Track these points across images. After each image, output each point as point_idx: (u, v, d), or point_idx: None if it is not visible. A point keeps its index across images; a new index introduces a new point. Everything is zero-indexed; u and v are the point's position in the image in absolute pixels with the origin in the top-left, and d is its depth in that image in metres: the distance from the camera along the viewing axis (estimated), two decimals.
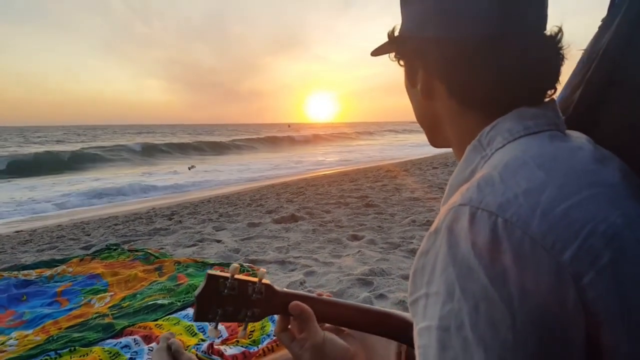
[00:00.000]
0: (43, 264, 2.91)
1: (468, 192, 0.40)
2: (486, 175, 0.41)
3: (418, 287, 0.41)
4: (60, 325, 1.98)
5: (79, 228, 4.68)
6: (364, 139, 37.16)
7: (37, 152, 19.00)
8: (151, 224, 4.45)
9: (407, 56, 0.56)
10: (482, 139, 0.48)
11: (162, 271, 2.70)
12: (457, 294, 0.36)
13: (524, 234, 0.35)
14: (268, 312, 0.66)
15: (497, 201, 0.38)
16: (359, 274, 2.47)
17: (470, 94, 0.49)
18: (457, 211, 0.39)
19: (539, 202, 0.37)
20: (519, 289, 0.34)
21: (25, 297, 2.34)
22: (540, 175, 0.39)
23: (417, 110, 0.59)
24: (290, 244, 3.27)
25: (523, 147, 0.44)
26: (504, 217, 0.36)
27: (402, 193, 5.35)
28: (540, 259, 0.35)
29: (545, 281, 0.34)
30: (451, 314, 0.36)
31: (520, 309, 0.34)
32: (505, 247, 0.35)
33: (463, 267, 0.36)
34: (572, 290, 0.34)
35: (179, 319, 1.99)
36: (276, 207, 4.84)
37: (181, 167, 14.41)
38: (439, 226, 0.40)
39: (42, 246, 3.75)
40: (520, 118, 0.47)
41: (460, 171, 0.51)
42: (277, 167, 14.07)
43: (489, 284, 0.35)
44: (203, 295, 0.61)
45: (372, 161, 14.17)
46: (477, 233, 0.37)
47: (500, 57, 0.46)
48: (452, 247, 0.38)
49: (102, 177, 12.97)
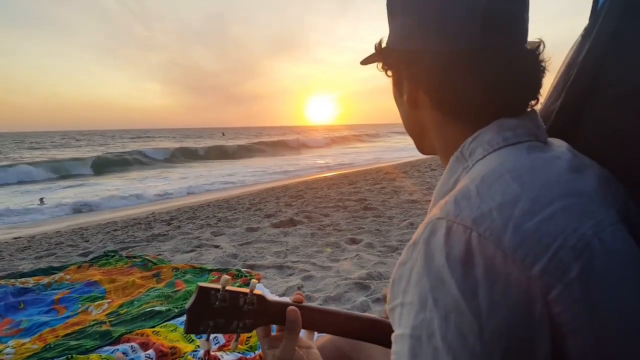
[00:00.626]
0: (40, 272, 2.91)
1: (446, 206, 0.42)
2: (463, 189, 0.43)
3: (395, 296, 0.43)
4: (57, 333, 1.98)
5: (78, 234, 4.68)
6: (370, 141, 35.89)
7: (114, 152, 18.96)
8: (150, 230, 4.45)
9: (393, 67, 0.57)
10: (464, 150, 0.50)
11: (160, 277, 2.70)
12: (429, 305, 0.38)
13: (497, 248, 0.36)
14: (260, 323, 0.66)
15: (473, 215, 0.39)
16: (356, 278, 2.47)
17: (453, 105, 0.51)
18: (434, 225, 0.41)
19: (511, 215, 0.38)
20: (488, 302, 0.35)
21: (22, 305, 2.34)
22: (514, 188, 0.40)
23: (404, 119, 0.61)
24: (288, 248, 3.27)
25: (501, 159, 0.45)
26: (478, 231, 0.38)
27: (401, 195, 5.36)
28: (510, 273, 0.36)
29: (514, 295, 0.35)
30: (423, 324, 0.38)
31: (488, 321, 0.35)
32: (478, 261, 0.37)
33: (436, 279, 0.38)
34: (539, 303, 0.35)
35: (176, 325, 1.99)
36: (275, 211, 4.84)
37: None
38: (418, 239, 0.42)
39: (40, 253, 3.75)
40: (499, 129, 0.48)
41: (444, 181, 0.52)
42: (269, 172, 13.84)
43: (459, 296, 0.36)
44: (194, 308, 0.61)
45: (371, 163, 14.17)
46: (452, 246, 0.38)
47: (482, 70, 0.47)
48: (427, 259, 0.39)
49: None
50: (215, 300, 0.61)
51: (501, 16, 0.47)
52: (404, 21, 0.52)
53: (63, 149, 32.73)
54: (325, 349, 0.91)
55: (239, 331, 0.64)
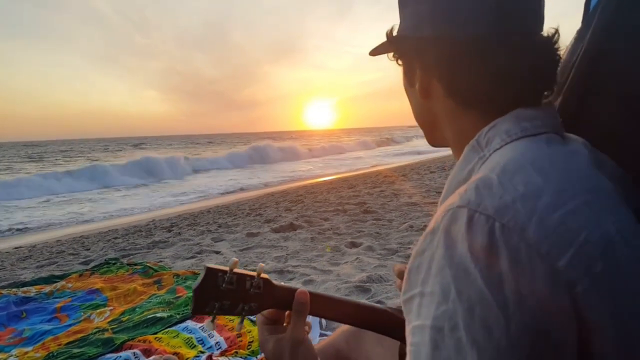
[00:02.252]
0: (42, 281, 2.91)
1: (466, 194, 0.40)
2: (484, 178, 0.41)
3: (413, 286, 0.41)
4: (60, 341, 1.99)
5: (79, 242, 4.68)
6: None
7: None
8: (150, 237, 4.46)
9: (405, 56, 0.56)
10: (481, 140, 0.48)
11: (161, 284, 2.71)
12: (452, 296, 0.37)
13: (521, 239, 0.36)
14: (266, 306, 0.66)
15: (495, 205, 0.38)
16: (357, 281, 2.48)
17: (466, 94, 0.50)
18: (455, 213, 0.39)
19: (535, 208, 0.37)
20: (514, 294, 0.35)
21: (24, 314, 2.35)
22: (537, 180, 0.39)
23: (415, 109, 0.60)
24: (288, 253, 3.28)
25: (521, 150, 0.44)
26: (501, 221, 0.37)
27: (400, 198, 5.37)
28: (535, 265, 0.35)
29: (540, 287, 0.35)
30: (445, 315, 0.37)
31: (514, 314, 0.34)
32: (502, 252, 0.36)
33: (459, 270, 0.37)
34: (566, 297, 0.35)
35: (178, 331, 1.99)
36: (275, 216, 4.85)
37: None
38: (436, 226, 0.40)
39: (41, 262, 3.75)
40: (517, 119, 0.47)
41: (458, 171, 0.51)
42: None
43: (485, 288, 0.35)
44: (201, 289, 0.61)
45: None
46: (475, 236, 0.37)
47: (496, 57, 0.46)
48: (449, 248, 0.38)
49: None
50: (222, 282, 0.62)
51: (515, 3, 0.46)
52: (416, 8, 0.51)
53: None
54: (325, 351, 0.92)
55: (244, 314, 0.65)
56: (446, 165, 9.43)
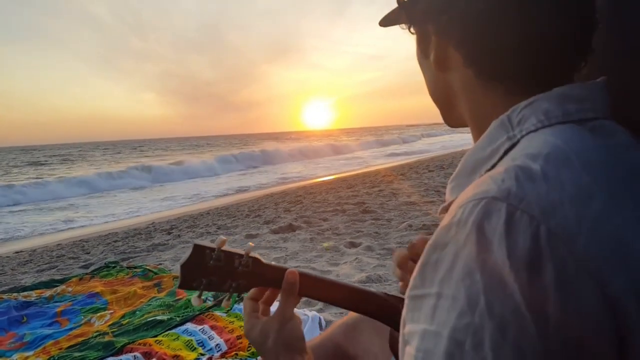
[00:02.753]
0: (42, 285, 2.92)
1: (505, 183, 0.34)
2: (524, 166, 0.35)
3: (427, 284, 0.35)
4: (61, 345, 2.00)
5: (79, 246, 4.69)
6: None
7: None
8: (150, 240, 4.47)
9: (418, 21, 0.49)
10: (513, 116, 0.41)
11: (161, 287, 2.72)
12: (480, 308, 0.31)
13: (569, 252, 0.30)
14: (254, 284, 0.66)
15: (541, 203, 0.32)
16: (356, 282, 2.49)
17: (490, 64, 0.42)
18: (489, 205, 0.33)
19: (586, 214, 0.31)
20: (557, 318, 0.29)
21: (25, 318, 2.36)
22: (586, 179, 0.33)
23: (430, 84, 0.53)
24: (288, 254, 3.29)
25: (564, 138, 0.37)
26: (548, 225, 0.31)
27: (399, 198, 5.39)
28: (583, 285, 0.30)
29: (587, 312, 0.30)
30: (469, 329, 0.31)
31: (554, 339, 0.29)
32: (547, 264, 0.30)
33: (494, 279, 0.31)
34: (612, 325, 0.30)
35: (179, 334, 2.00)
36: (274, 217, 4.86)
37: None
38: (463, 218, 0.34)
39: (41, 266, 3.76)
40: (562, 99, 0.39)
41: (480, 148, 0.43)
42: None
43: (524, 306, 0.29)
44: (188, 265, 0.61)
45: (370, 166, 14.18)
46: (516, 240, 0.31)
47: (533, 18, 0.38)
48: (482, 250, 0.32)
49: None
50: (209, 259, 0.62)
51: None
52: None
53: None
54: (323, 344, 0.92)
55: (232, 291, 0.65)
56: (445, 164, 9.44)
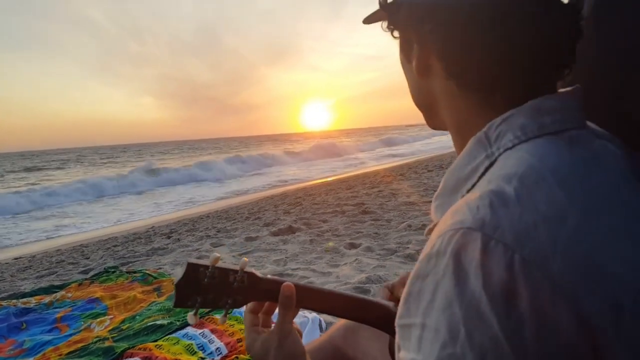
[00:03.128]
0: (42, 291, 2.91)
1: (479, 212, 0.34)
2: (499, 191, 0.35)
3: (412, 314, 0.36)
4: (60, 351, 1.99)
5: (78, 251, 4.68)
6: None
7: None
8: (150, 244, 4.46)
9: (401, 26, 0.49)
10: (490, 133, 0.41)
11: (161, 291, 2.71)
12: (461, 339, 0.31)
13: (544, 277, 0.30)
14: (250, 299, 0.66)
15: (514, 230, 0.32)
16: (356, 282, 2.49)
17: (470, 74, 0.42)
18: (465, 236, 0.33)
19: (560, 234, 0.32)
20: (535, 343, 0.30)
21: (24, 325, 2.35)
22: (561, 197, 0.33)
23: (413, 88, 0.52)
24: (288, 256, 3.29)
25: (539, 154, 0.37)
26: (522, 254, 0.31)
27: (398, 198, 5.38)
28: (559, 309, 0.30)
29: (564, 335, 0.30)
30: (452, 359, 0.32)
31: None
32: (523, 293, 0.30)
33: (471, 310, 0.31)
34: (589, 347, 0.30)
35: (179, 338, 2.00)
36: (273, 220, 4.85)
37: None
38: (442, 249, 0.34)
39: (41, 272, 3.75)
40: (535, 113, 0.39)
41: (459, 166, 0.44)
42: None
43: (501, 336, 0.30)
44: (182, 284, 0.61)
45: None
46: (491, 271, 0.31)
47: (510, 30, 0.39)
48: (459, 280, 0.32)
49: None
50: (204, 277, 0.61)
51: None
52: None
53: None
54: (323, 347, 0.92)
55: (228, 307, 0.64)
56: (444, 164, 9.44)
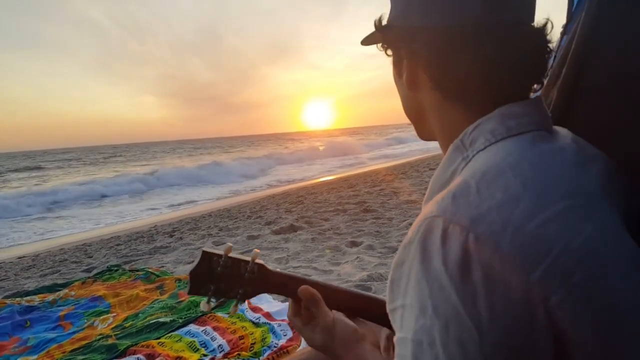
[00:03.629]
0: (45, 289, 2.94)
1: (443, 203, 0.39)
2: (462, 184, 0.40)
3: (395, 298, 0.41)
4: (64, 349, 2.01)
5: (81, 250, 4.70)
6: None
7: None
8: (152, 242, 4.48)
9: (393, 45, 0.55)
10: (465, 139, 0.47)
11: (164, 289, 2.73)
12: (429, 311, 0.36)
13: (494, 252, 0.35)
14: (260, 291, 0.68)
15: (471, 215, 0.37)
16: (357, 280, 2.49)
17: (452, 86, 0.48)
18: (430, 223, 0.38)
19: (511, 216, 0.36)
20: (488, 311, 0.34)
21: (28, 323, 2.37)
22: (516, 186, 0.38)
23: (404, 101, 0.58)
24: (289, 254, 3.30)
25: (503, 153, 0.43)
26: (475, 233, 0.35)
27: (400, 196, 5.38)
28: (509, 279, 0.34)
29: (514, 303, 0.34)
30: (424, 330, 0.36)
31: (488, 330, 0.34)
32: (476, 266, 0.35)
33: (435, 284, 0.36)
34: (540, 311, 0.34)
35: (181, 335, 2.01)
36: (275, 218, 4.86)
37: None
38: (413, 238, 0.40)
39: (44, 271, 3.78)
40: (503, 118, 0.45)
41: (441, 171, 0.50)
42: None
43: (459, 304, 0.35)
44: (196, 272, 0.63)
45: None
46: (449, 249, 0.36)
47: (484, 49, 0.44)
48: (424, 261, 0.37)
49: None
50: (217, 266, 0.64)
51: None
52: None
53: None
54: (319, 354, 0.93)
55: (239, 297, 0.67)
56: None
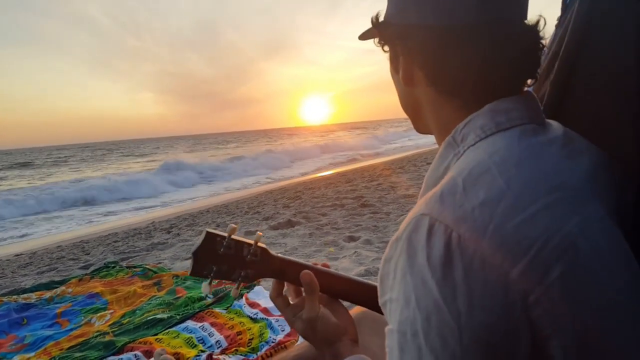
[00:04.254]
0: (42, 287, 2.92)
1: (431, 201, 0.41)
2: (451, 182, 0.42)
3: (385, 291, 0.43)
4: (61, 346, 2.00)
5: (79, 247, 4.69)
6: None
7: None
8: (150, 239, 4.47)
9: (390, 42, 0.56)
10: (456, 136, 0.48)
11: (161, 285, 2.72)
12: (412, 304, 0.38)
13: (476, 250, 0.36)
14: (261, 275, 0.68)
15: (455, 214, 0.38)
16: (355, 275, 2.49)
17: (447, 83, 0.49)
18: (418, 221, 0.40)
19: (493, 215, 0.37)
20: (467, 306, 0.35)
21: (25, 320, 2.36)
22: (499, 183, 0.39)
23: (400, 96, 0.59)
24: (287, 249, 3.29)
25: (491, 149, 0.43)
26: (459, 232, 0.37)
27: (397, 191, 5.38)
28: (488, 276, 0.35)
29: (492, 299, 0.35)
30: (407, 321, 0.38)
31: (466, 325, 0.35)
32: (457, 264, 0.36)
33: (418, 278, 0.38)
34: (518, 307, 0.35)
35: (179, 332, 2.01)
36: (273, 214, 4.86)
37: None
38: (401, 235, 0.41)
39: (41, 268, 3.76)
40: (493, 114, 0.46)
41: (435, 167, 0.51)
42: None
43: (440, 298, 0.36)
44: (200, 252, 0.63)
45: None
46: (433, 246, 0.38)
47: (478, 47, 0.45)
48: (410, 257, 0.39)
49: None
50: (220, 247, 0.63)
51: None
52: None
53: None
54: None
55: (241, 280, 0.66)
56: None
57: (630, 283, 0.38)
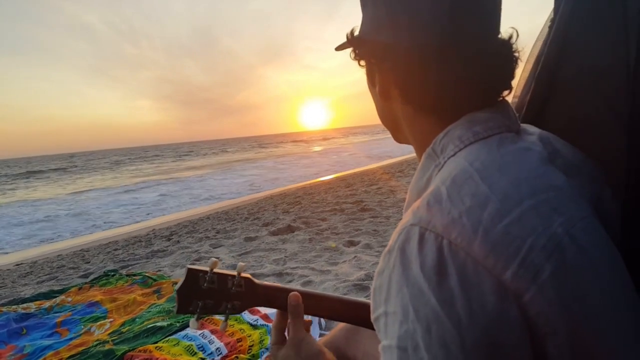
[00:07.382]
0: (42, 296, 2.91)
1: (419, 211, 0.41)
2: (435, 191, 0.42)
3: (378, 305, 0.42)
4: (61, 355, 1.99)
5: (79, 256, 4.68)
6: None
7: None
8: (149, 246, 4.47)
9: (365, 58, 0.56)
10: (436, 147, 0.49)
11: (161, 293, 2.71)
12: (411, 316, 0.37)
13: (467, 255, 0.36)
14: (248, 305, 0.67)
15: (444, 222, 0.39)
16: (355, 280, 2.49)
17: (423, 100, 0.49)
18: (408, 231, 0.40)
19: (480, 220, 0.37)
20: (466, 311, 0.35)
21: (25, 330, 2.35)
22: (483, 189, 0.39)
23: (378, 109, 0.60)
24: (287, 255, 3.29)
25: (471, 157, 0.44)
26: (449, 238, 0.37)
27: (397, 195, 5.39)
28: (482, 280, 0.36)
29: (489, 302, 0.35)
30: (407, 335, 0.37)
31: (468, 330, 0.35)
32: (451, 270, 0.36)
33: (415, 289, 0.37)
34: (514, 308, 0.35)
35: (179, 339, 2.00)
36: (273, 219, 4.86)
37: None
38: (393, 246, 0.41)
39: (41, 277, 3.76)
40: (469, 124, 0.47)
41: (417, 179, 0.51)
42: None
43: (438, 307, 0.36)
44: (183, 289, 0.63)
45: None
46: (426, 255, 0.38)
47: (451, 64, 0.46)
48: (404, 268, 0.39)
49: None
50: (203, 282, 0.63)
51: (470, 6, 0.45)
52: (374, 12, 0.51)
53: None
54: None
55: (228, 312, 0.66)
56: None
57: (616, 282, 0.38)
